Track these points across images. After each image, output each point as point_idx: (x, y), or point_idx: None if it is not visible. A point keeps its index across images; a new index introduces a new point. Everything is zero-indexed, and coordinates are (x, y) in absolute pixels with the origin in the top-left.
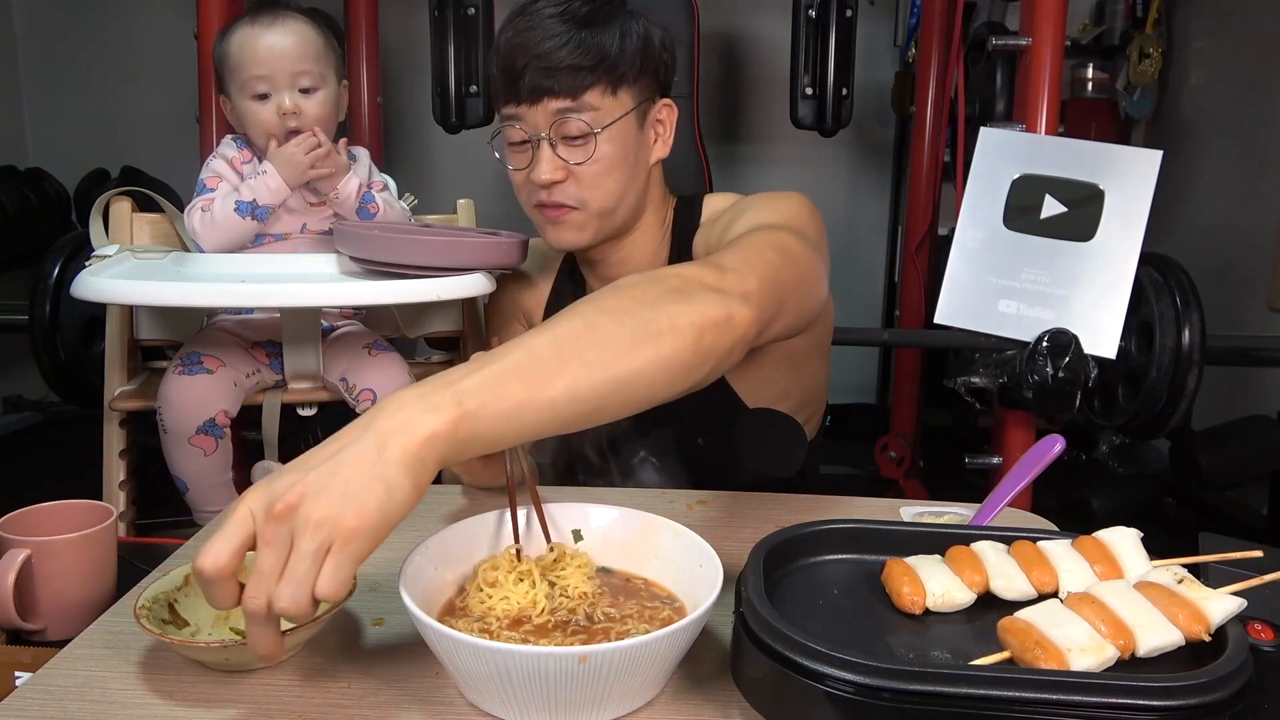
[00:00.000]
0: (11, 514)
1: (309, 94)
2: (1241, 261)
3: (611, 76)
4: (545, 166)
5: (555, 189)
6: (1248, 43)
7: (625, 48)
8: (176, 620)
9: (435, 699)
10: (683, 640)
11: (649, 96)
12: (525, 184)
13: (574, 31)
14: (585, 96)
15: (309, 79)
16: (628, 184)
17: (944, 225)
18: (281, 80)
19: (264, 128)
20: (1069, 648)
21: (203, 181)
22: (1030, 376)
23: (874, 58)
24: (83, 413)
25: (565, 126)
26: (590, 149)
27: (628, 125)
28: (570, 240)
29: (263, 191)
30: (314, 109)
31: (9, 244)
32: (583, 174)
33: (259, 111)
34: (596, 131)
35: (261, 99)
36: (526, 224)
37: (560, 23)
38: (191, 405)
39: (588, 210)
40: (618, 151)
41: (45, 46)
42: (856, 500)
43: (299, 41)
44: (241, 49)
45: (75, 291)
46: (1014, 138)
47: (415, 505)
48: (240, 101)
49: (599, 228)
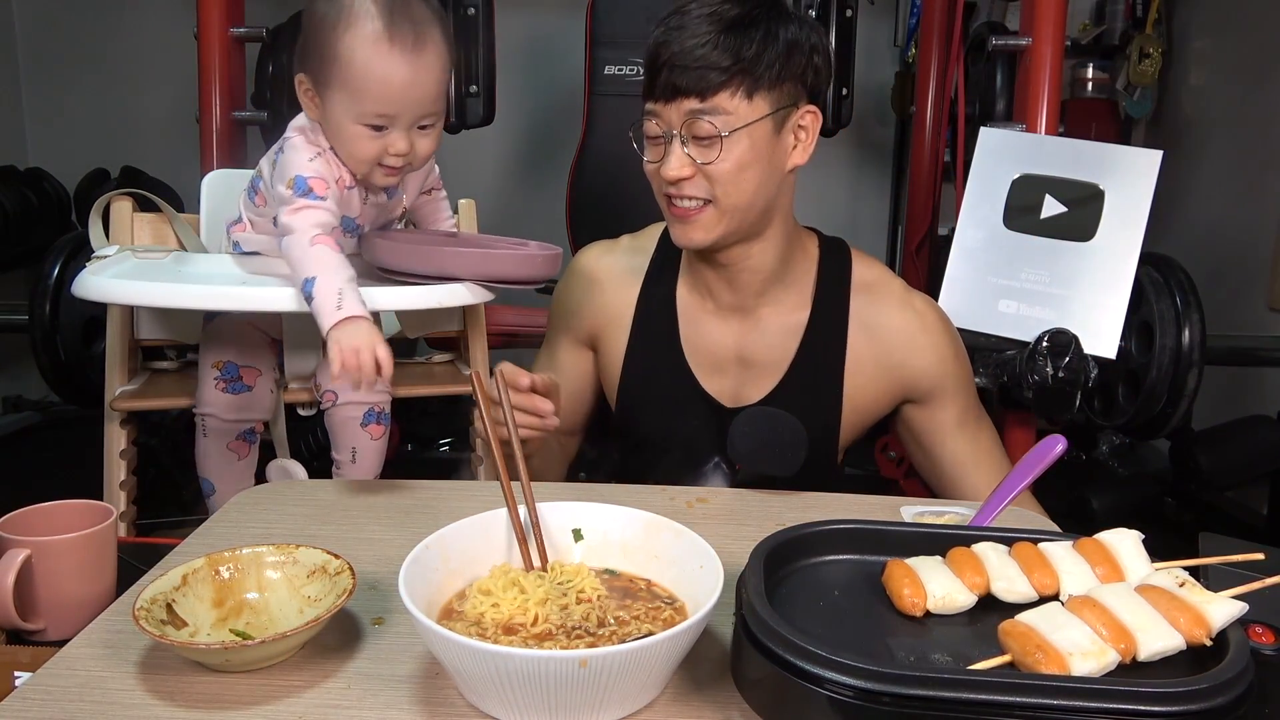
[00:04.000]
0: (11, 514)
1: (426, 130)
2: (1241, 261)
3: (746, 80)
4: (674, 162)
5: (684, 185)
6: (1248, 43)
7: (765, 52)
8: (175, 621)
9: (435, 699)
10: (683, 643)
11: (791, 102)
12: (656, 176)
13: (717, 33)
14: (716, 99)
15: (432, 118)
16: (760, 186)
17: (944, 225)
18: (405, 119)
19: (366, 158)
20: (1070, 651)
21: (303, 179)
22: (1030, 376)
23: (874, 58)
24: (83, 413)
25: (695, 127)
26: (718, 149)
27: (761, 130)
28: (697, 239)
29: (315, 310)
30: (427, 147)
31: (9, 244)
32: (712, 172)
33: (368, 143)
34: (724, 135)
35: (374, 130)
36: (526, 225)
37: (707, 23)
38: (237, 410)
39: (719, 207)
40: (748, 154)
41: (45, 46)
42: (857, 500)
43: (440, 79)
44: (369, 74)
45: (75, 291)
46: (1014, 138)
47: None
48: (342, 118)
49: (728, 227)
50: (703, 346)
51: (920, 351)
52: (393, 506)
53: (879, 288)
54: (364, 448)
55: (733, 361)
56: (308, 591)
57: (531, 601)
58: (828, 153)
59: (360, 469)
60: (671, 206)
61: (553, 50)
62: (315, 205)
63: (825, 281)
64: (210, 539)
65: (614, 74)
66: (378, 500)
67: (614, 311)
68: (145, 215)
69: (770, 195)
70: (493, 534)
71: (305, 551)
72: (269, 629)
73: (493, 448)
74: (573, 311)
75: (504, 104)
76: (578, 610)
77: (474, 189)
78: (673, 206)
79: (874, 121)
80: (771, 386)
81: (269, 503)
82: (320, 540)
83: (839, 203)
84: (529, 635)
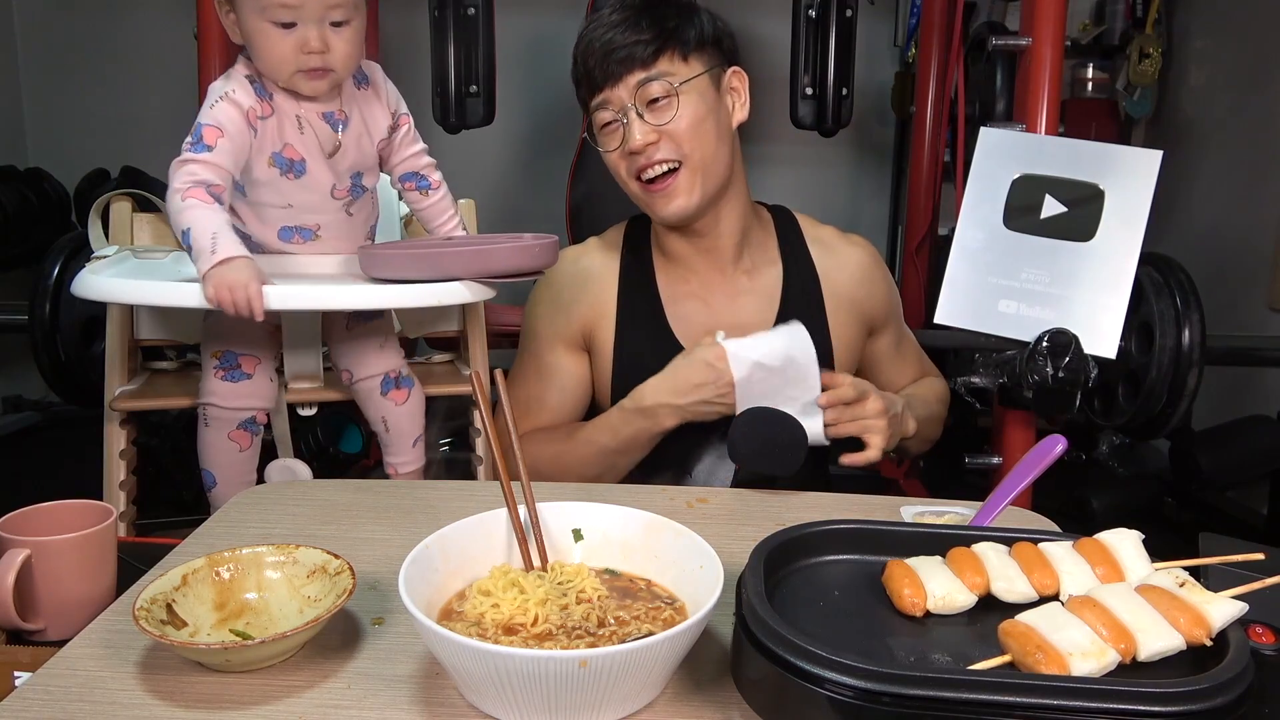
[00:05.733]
0: (11, 514)
1: (339, 27)
2: (1241, 261)
3: (677, 43)
4: (636, 131)
5: (650, 150)
6: (1248, 43)
7: (682, 21)
8: (175, 621)
9: (435, 699)
10: (683, 644)
11: (718, 64)
12: (622, 160)
13: (635, 16)
14: (658, 64)
15: (343, 11)
16: (719, 139)
17: (944, 225)
18: (311, 11)
19: (281, 61)
20: (1070, 652)
21: (200, 127)
22: (1030, 376)
23: (874, 58)
24: (83, 413)
25: (647, 91)
26: (674, 107)
27: (704, 84)
28: (680, 205)
29: (194, 258)
30: (343, 46)
31: (9, 244)
32: (673, 130)
33: (279, 42)
34: (677, 87)
35: (285, 27)
36: (526, 225)
37: (619, 14)
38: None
39: (689, 164)
40: (701, 107)
41: (45, 46)
42: (857, 500)
43: None
44: None
45: (76, 291)
46: (1014, 138)
47: None
48: (253, 22)
49: (704, 188)
50: (691, 325)
51: (876, 282)
52: (393, 506)
53: (825, 237)
54: (392, 415)
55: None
56: (308, 591)
57: (531, 602)
58: (828, 153)
59: (397, 439)
60: (646, 185)
61: (553, 50)
62: (195, 158)
63: (786, 240)
64: (210, 539)
65: None
66: (378, 500)
67: (601, 308)
68: (145, 215)
69: (729, 152)
70: (493, 534)
71: (305, 551)
72: (269, 629)
73: (493, 447)
74: (560, 314)
75: (504, 104)
76: (578, 610)
77: (474, 189)
78: (646, 184)
79: (874, 121)
80: None
81: (269, 503)
82: (320, 540)
83: (839, 203)
84: (529, 635)
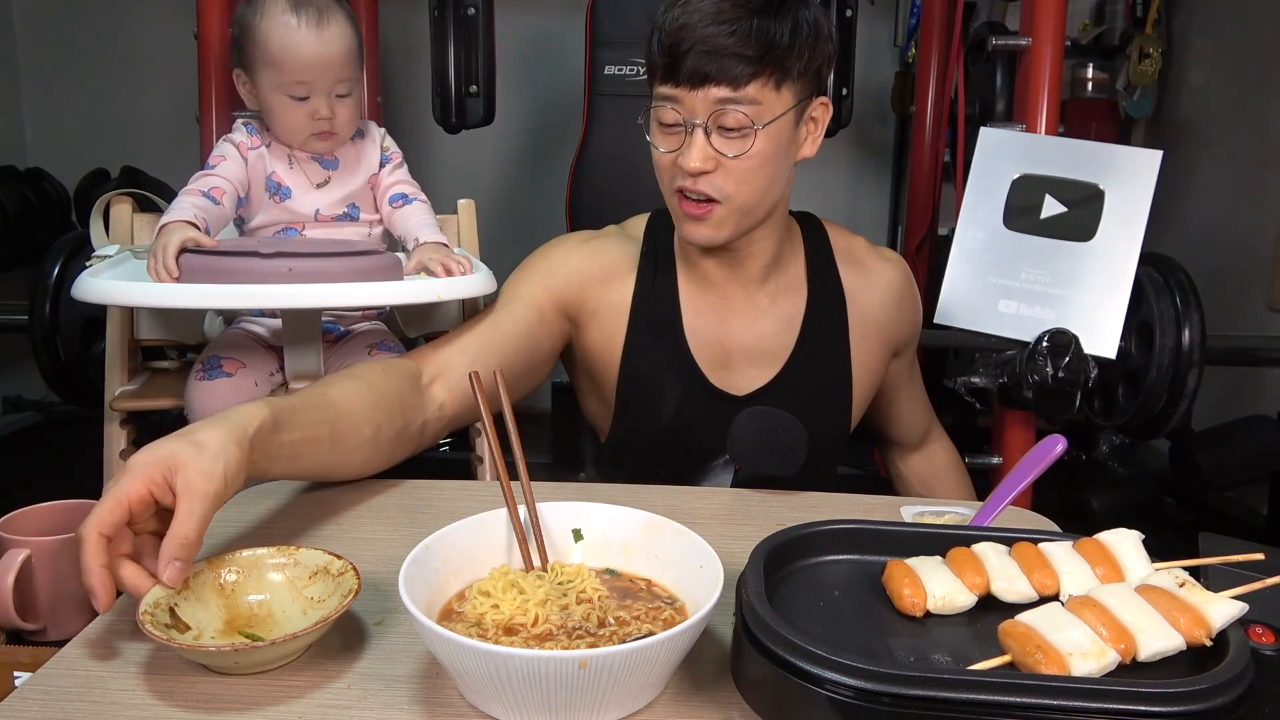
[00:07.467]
0: (11, 514)
1: (344, 98)
2: (1241, 261)
3: (778, 70)
4: (697, 154)
5: (702, 179)
6: (1248, 43)
7: (795, 41)
8: (178, 624)
9: (435, 699)
10: (683, 644)
11: (810, 93)
12: (670, 167)
13: (746, 18)
14: (749, 88)
15: (346, 86)
16: (773, 182)
17: (944, 225)
18: (322, 86)
19: (296, 127)
20: (1070, 652)
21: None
22: (1030, 376)
23: (874, 58)
24: (83, 413)
25: (724, 117)
26: (747, 144)
27: (786, 123)
28: (706, 237)
29: None
30: (346, 114)
31: (9, 244)
32: (734, 167)
33: (293, 112)
34: (757, 127)
35: (298, 100)
36: (526, 225)
37: (734, 7)
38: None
39: (730, 205)
40: (772, 149)
41: (45, 46)
42: (857, 500)
43: (345, 50)
44: (284, 48)
45: (75, 293)
46: (1014, 138)
47: None
48: (270, 94)
49: (738, 224)
50: (709, 340)
51: (905, 305)
52: (393, 506)
53: (856, 252)
54: None
55: (740, 352)
56: (310, 593)
57: (532, 602)
58: (828, 153)
59: None
60: (683, 203)
61: (553, 50)
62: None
63: (815, 259)
64: (209, 539)
65: (614, 74)
66: (378, 500)
67: (610, 299)
68: (145, 215)
69: (782, 189)
70: (493, 534)
71: (307, 553)
72: (273, 631)
73: (492, 447)
74: (563, 270)
75: (504, 104)
76: (578, 610)
77: (474, 189)
78: (684, 203)
79: (874, 121)
80: (778, 370)
81: (268, 503)
82: (320, 540)
83: (839, 203)
84: (529, 636)
